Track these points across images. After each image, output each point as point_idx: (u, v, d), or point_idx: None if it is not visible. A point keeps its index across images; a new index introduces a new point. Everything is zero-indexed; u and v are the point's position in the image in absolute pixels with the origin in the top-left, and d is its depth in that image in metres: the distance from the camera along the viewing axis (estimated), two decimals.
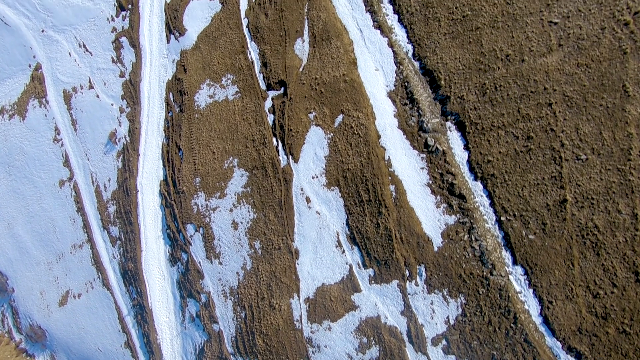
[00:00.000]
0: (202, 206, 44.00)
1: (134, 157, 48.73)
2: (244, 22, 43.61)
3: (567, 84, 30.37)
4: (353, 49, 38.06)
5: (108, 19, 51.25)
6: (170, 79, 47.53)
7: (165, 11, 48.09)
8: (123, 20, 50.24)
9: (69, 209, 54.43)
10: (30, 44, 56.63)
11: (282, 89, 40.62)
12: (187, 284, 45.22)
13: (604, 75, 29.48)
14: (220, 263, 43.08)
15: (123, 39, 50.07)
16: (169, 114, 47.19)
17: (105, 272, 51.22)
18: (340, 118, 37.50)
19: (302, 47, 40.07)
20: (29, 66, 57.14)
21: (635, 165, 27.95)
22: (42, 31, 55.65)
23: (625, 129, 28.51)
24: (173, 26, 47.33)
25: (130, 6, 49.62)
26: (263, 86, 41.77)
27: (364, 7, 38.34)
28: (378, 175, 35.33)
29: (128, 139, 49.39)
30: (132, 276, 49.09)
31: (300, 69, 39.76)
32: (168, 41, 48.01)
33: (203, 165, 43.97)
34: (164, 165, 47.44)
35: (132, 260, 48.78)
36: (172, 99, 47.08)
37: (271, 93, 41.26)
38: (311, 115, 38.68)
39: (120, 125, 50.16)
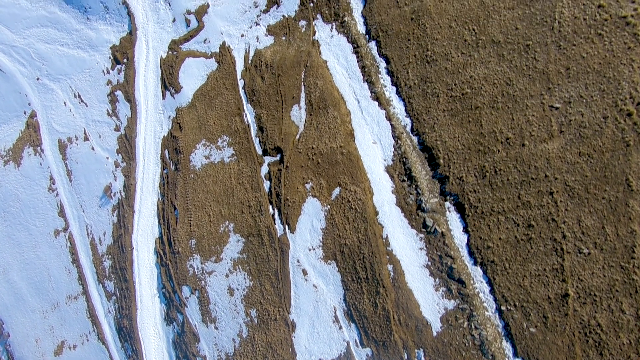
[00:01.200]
0: (197, 269, 43.32)
1: (129, 214, 48.07)
2: (240, 83, 42.95)
3: (568, 173, 29.66)
4: (350, 119, 37.40)
5: (103, 71, 50.65)
6: (165, 135, 46.91)
7: (160, 66, 47.47)
8: (118, 73, 49.63)
9: (64, 260, 53.80)
10: (25, 91, 56.08)
11: (279, 155, 39.95)
12: (183, 345, 44.53)
13: (607, 167, 28.77)
14: (216, 328, 42.39)
15: (118, 92, 49.45)
16: (165, 171, 46.56)
17: (100, 326, 50.55)
18: (337, 191, 36.82)
19: (298, 114, 39.41)
20: (24, 113, 56.57)
21: (639, 264, 27.22)
22: (37, 79, 55.10)
23: (628, 225, 27.80)
24: (169, 82, 46.71)
25: (125, 60, 49.01)
26: (259, 151, 41.11)
27: (362, 76, 37.67)
28: (376, 254, 34.64)
29: (123, 194, 48.74)
30: (127, 333, 48.41)
31: (297, 137, 39.10)
32: (164, 97, 47.38)
33: (199, 227, 43.29)
34: (159, 222, 46.79)
35: (128, 317, 48.10)
36: (167, 156, 46.44)
37: (267, 159, 40.59)
38: (308, 186, 37.99)
39: (115, 180, 49.53)
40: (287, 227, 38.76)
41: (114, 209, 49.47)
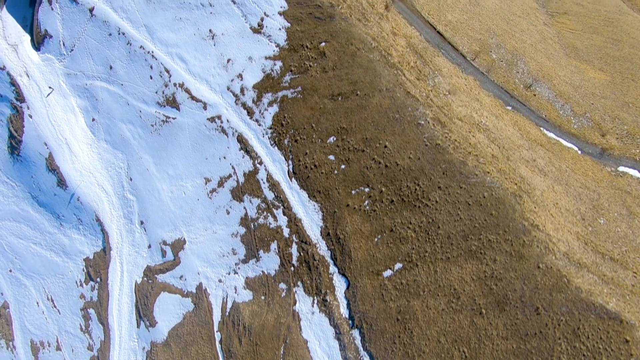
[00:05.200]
0: None
1: None
2: (217, 336, 40.24)
3: None
4: None
5: (77, 282, 47.97)
6: None
7: (135, 293, 44.77)
8: (92, 290, 46.93)
9: None
10: None
11: None
12: None
13: None
14: None
15: (91, 311, 46.75)
16: None
17: None
18: None
19: None
20: None
21: None
22: (10, 271, 52.42)
23: None
24: (143, 314, 44.00)
25: (99, 280, 46.34)
26: None
27: None
28: None
29: None
30: None
31: None
32: (138, 325, 44.65)
33: None
34: None
35: None
36: None
37: None
38: None
39: None
40: None
41: None
